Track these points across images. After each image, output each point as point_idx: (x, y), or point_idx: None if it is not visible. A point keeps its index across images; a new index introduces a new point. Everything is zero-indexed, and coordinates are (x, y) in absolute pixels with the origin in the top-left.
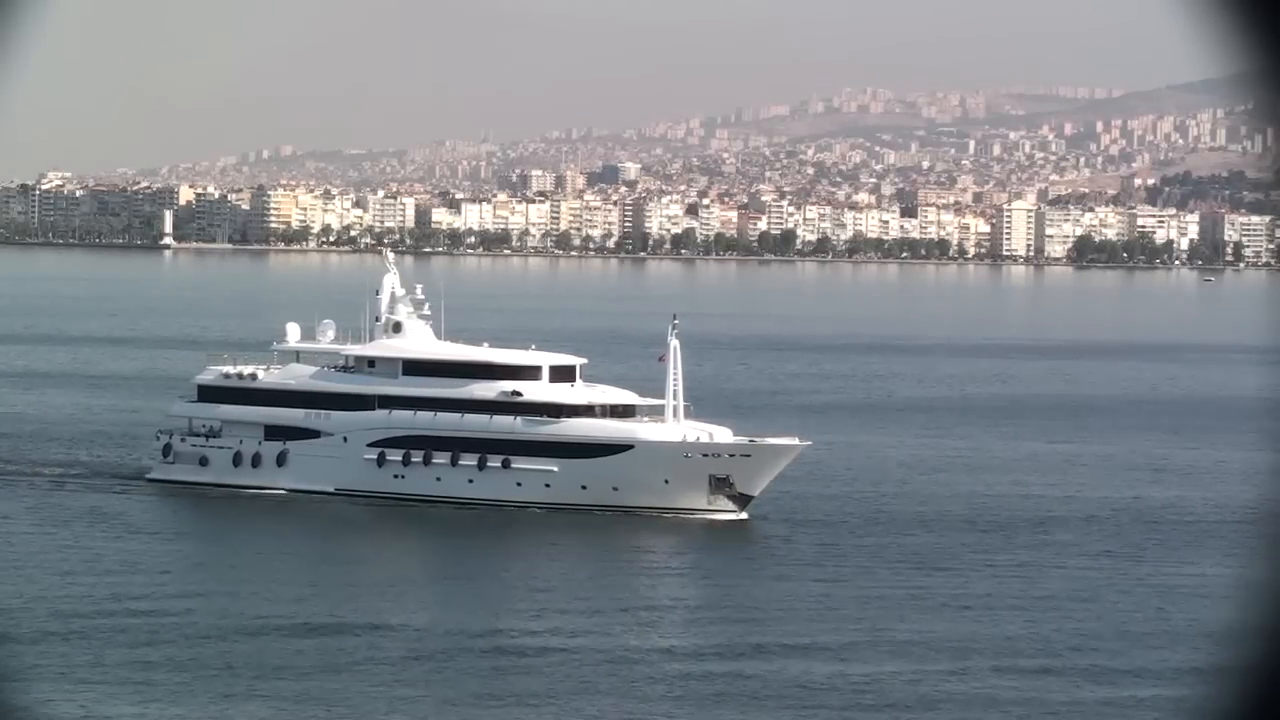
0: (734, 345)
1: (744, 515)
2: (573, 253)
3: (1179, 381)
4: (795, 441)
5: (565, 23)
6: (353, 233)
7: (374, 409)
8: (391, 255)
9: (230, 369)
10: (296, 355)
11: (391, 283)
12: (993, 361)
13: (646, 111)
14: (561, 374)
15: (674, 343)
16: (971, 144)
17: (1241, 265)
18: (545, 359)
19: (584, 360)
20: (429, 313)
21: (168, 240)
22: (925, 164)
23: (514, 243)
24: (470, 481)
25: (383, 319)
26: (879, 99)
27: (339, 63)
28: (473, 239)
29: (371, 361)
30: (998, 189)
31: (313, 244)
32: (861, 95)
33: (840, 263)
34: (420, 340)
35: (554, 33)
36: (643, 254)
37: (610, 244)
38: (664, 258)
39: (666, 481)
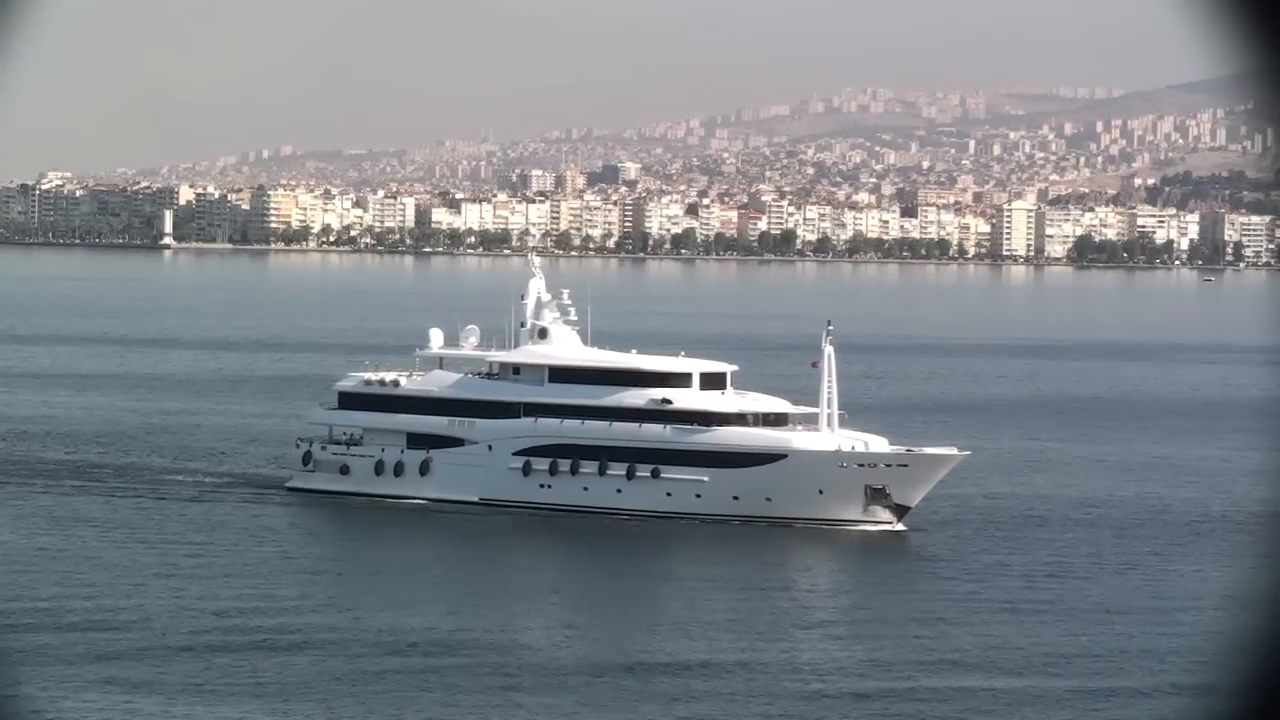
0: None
1: (901, 526)
2: (573, 253)
3: None
4: (954, 451)
5: (565, 23)
6: (353, 233)
7: (519, 417)
8: (538, 260)
9: (372, 375)
10: (440, 361)
11: (537, 287)
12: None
13: (646, 111)
14: (712, 381)
15: (828, 349)
16: (971, 144)
17: (1241, 265)
18: (695, 366)
19: (735, 367)
20: (575, 318)
21: (168, 240)
22: (925, 164)
23: (514, 243)
24: (618, 491)
25: (528, 324)
26: (879, 99)
27: (339, 62)
28: (473, 239)
29: (517, 368)
30: (998, 189)
31: (313, 244)
32: (861, 95)
33: (840, 263)
34: (567, 346)
35: (554, 33)
36: (642, 254)
37: (610, 244)
38: (664, 257)
39: (821, 492)
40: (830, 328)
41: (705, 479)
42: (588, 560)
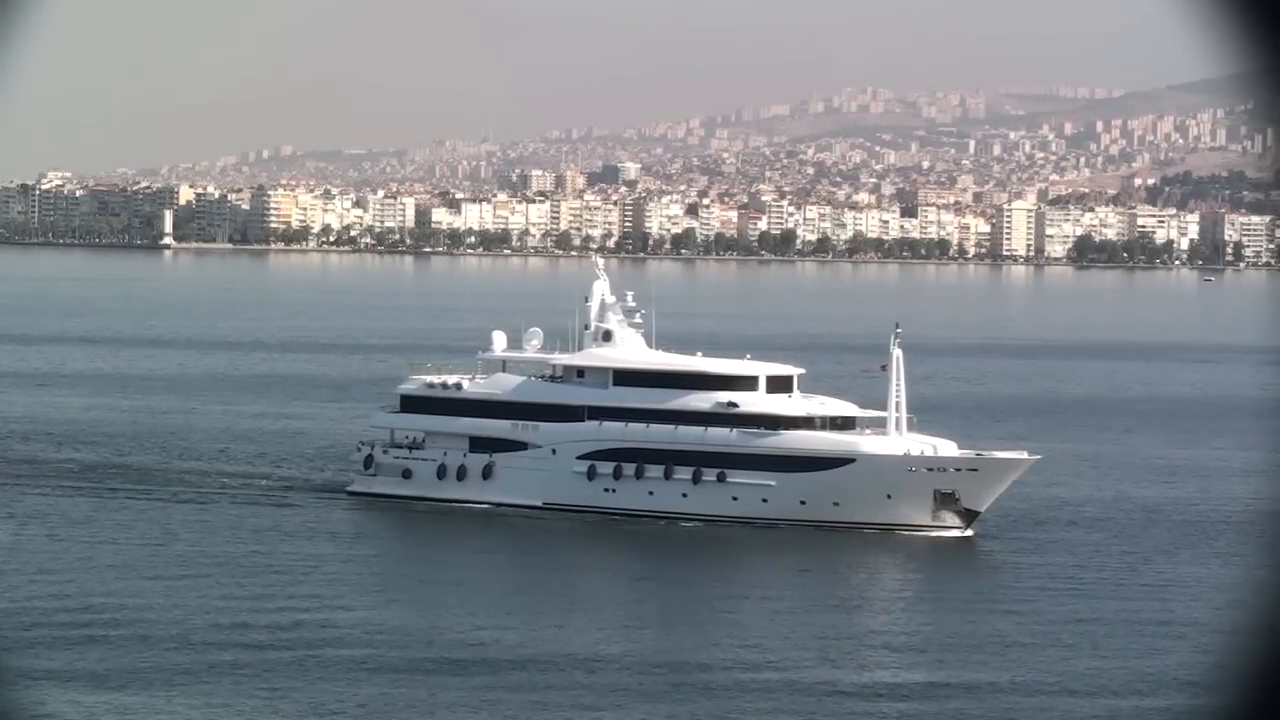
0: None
1: (970, 532)
2: (573, 253)
3: None
4: (1024, 455)
5: (565, 23)
6: (353, 233)
7: (583, 420)
8: (601, 261)
9: (434, 379)
10: (503, 365)
11: (601, 290)
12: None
13: (646, 111)
14: (778, 384)
15: (896, 352)
16: (971, 144)
17: (1242, 265)
18: (762, 369)
19: (801, 370)
20: (640, 320)
21: (168, 240)
22: (925, 164)
23: (514, 243)
24: (684, 496)
25: (592, 327)
26: (879, 99)
27: (339, 62)
28: (473, 239)
29: (581, 371)
30: (998, 189)
31: (313, 244)
32: (861, 95)
33: (840, 262)
34: (631, 349)
35: (554, 33)
36: (642, 254)
37: (610, 244)
38: (664, 258)
39: (889, 497)
40: (898, 330)
41: (772, 483)
42: (656, 568)
